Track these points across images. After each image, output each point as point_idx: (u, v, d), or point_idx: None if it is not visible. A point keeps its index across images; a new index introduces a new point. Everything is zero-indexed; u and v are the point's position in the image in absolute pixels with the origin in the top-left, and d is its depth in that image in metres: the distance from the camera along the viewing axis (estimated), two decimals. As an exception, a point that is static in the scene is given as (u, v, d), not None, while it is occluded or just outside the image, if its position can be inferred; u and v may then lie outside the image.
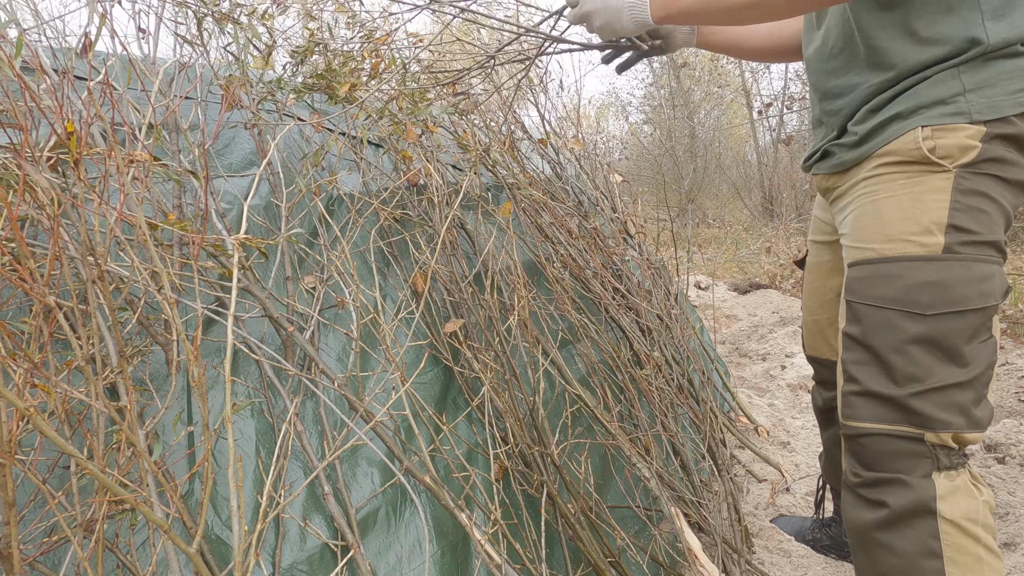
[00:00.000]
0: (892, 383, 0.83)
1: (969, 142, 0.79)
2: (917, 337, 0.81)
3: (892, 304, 0.83)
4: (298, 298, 1.09)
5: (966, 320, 0.80)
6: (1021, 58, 0.79)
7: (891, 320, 0.83)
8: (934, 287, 0.80)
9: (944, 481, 0.82)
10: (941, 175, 0.81)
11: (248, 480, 0.87)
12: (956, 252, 0.80)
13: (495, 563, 0.89)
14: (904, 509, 0.82)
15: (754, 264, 5.54)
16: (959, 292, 0.80)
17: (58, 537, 0.70)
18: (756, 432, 1.94)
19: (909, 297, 0.81)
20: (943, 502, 0.80)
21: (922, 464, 0.82)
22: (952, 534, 0.80)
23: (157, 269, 0.63)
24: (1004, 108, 0.78)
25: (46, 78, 0.78)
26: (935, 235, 0.80)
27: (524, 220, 1.53)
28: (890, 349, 0.83)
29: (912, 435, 0.82)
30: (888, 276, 0.84)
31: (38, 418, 0.50)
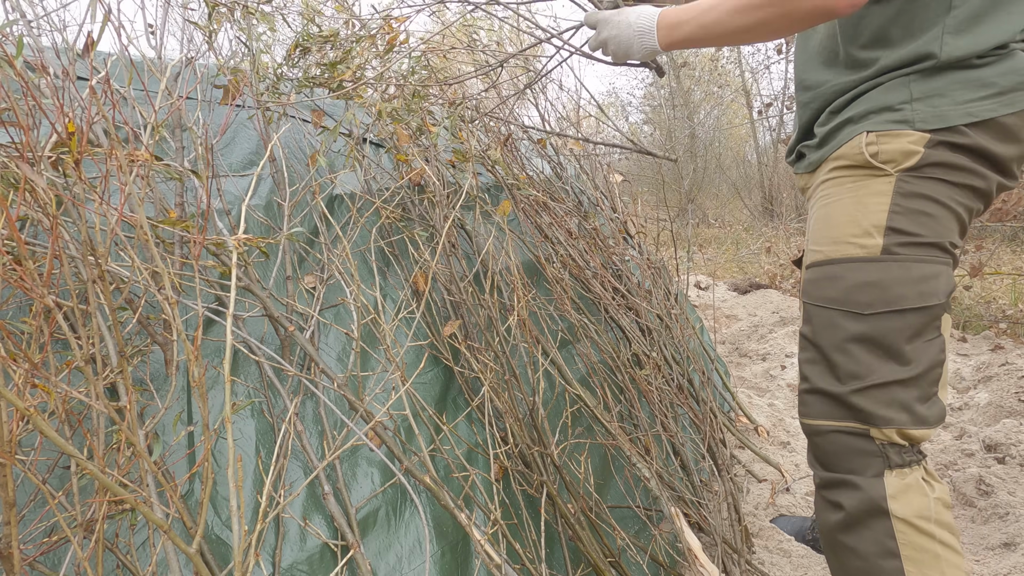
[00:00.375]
0: (836, 380, 0.86)
1: (911, 147, 0.81)
2: (857, 336, 0.84)
3: (834, 304, 0.86)
4: (298, 298, 1.09)
5: (905, 319, 0.82)
6: (974, 70, 0.80)
7: (833, 320, 0.86)
8: (872, 287, 0.83)
9: (895, 480, 0.83)
10: (883, 179, 0.83)
11: (248, 480, 0.87)
12: (895, 253, 0.82)
13: (495, 563, 0.89)
14: (858, 510, 0.84)
15: (754, 264, 5.54)
16: (896, 292, 0.82)
17: (58, 537, 0.70)
18: (756, 432, 1.94)
19: (849, 297, 0.84)
20: (894, 501, 0.82)
21: (873, 463, 0.84)
22: (907, 533, 0.81)
23: (158, 269, 0.62)
24: (951, 118, 0.80)
25: (48, 77, 0.78)
26: (874, 237, 0.83)
27: (523, 220, 1.54)
28: (833, 347, 0.86)
29: (859, 431, 0.85)
30: (832, 277, 0.87)
31: (38, 418, 0.50)
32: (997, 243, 4.35)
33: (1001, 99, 0.79)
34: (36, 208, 0.72)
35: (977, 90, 0.80)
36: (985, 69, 0.80)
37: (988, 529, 1.43)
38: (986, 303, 3.33)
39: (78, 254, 0.74)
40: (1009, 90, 0.79)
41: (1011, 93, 0.79)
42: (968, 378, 2.28)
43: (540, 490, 1.07)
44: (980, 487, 1.56)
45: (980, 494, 1.55)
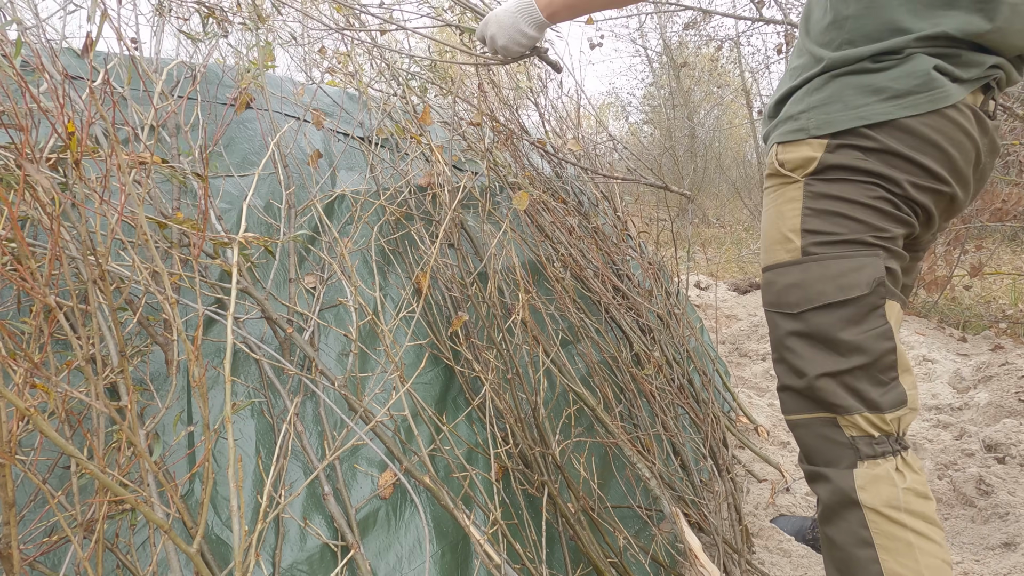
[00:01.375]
0: (795, 375, 0.90)
1: (810, 153, 0.85)
2: (793, 332, 0.89)
3: (772, 307, 0.92)
4: (298, 298, 1.09)
5: (832, 313, 0.85)
6: (867, 75, 0.82)
7: (775, 320, 0.92)
8: (797, 287, 0.88)
9: (864, 471, 0.85)
10: (793, 185, 0.88)
11: (248, 480, 0.87)
12: (812, 253, 0.86)
13: (494, 563, 0.89)
14: (831, 501, 0.87)
15: (754, 264, 5.54)
16: (816, 289, 0.86)
17: (58, 537, 0.70)
18: (756, 432, 1.94)
19: (780, 299, 0.90)
20: (863, 492, 0.84)
21: (846, 455, 0.87)
22: (878, 522, 0.83)
23: (158, 269, 0.62)
24: (841, 122, 0.83)
25: (47, 77, 0.78)
26: (793, 240, 0.88)
27: (524, 219, 1.53)
28: (780, 346, 0.92)
29: (828, 420, 0.88)
30: (768, 283, 0.93)
31: (38, 418, 0.50)
32: (997, 243, 4.35)
33: (897, 102, 0.81)
34: (36, 208, 0.72)
35: (869, 95, 0.82)
36: (879, 74, 0.82)
37: (988, 529, 1.43)
38: (986, 303, 3.33)
39: (78, 254, 0.74)
40: (905, 93, 0.80)
41: (908, 96, 0.80)
42: (968, 378, 2.28)
43: (541, 490, 1.07)
44: (980, 487, 1.56)
45: (980, 494, 1.54)
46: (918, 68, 0.80)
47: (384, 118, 1.48)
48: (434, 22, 1.63)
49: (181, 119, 1.11)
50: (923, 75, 0.79)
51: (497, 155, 1.57)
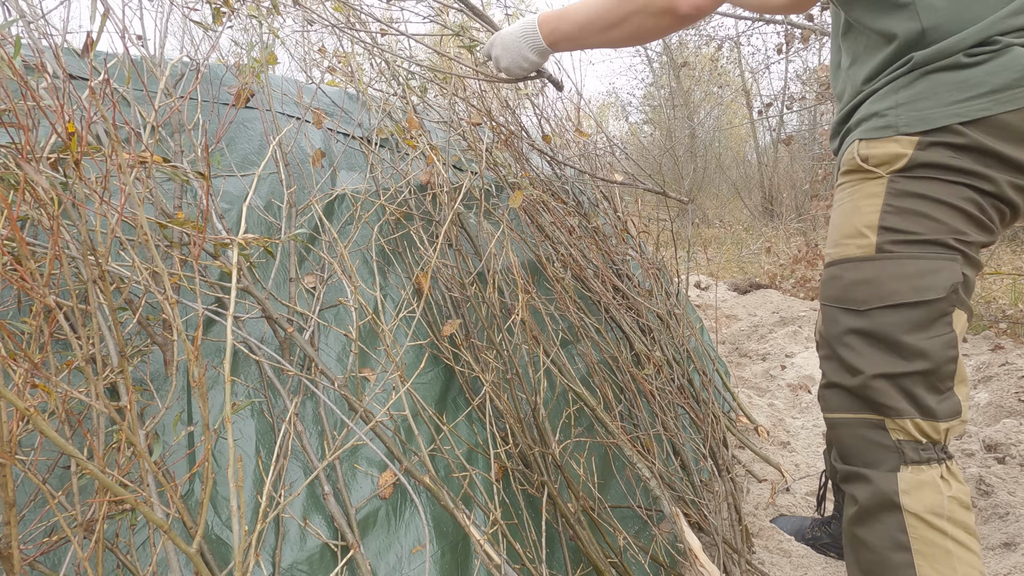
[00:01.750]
0: (847, 373, 0.88)
1: (899, 150, 0.83)
2: (855, 330, 0.87)
3: (836, 302, 0.90)
4: (298, 298, 1.09)
5: (901, 314, 0.83)
6: (962, 70, 0.80)
7: (835, 316, 0.90)
8: (867, 284, 0.85)
9: (909, 475, 0.84)
10: (875, 181, 0.86)
11: (248, 480, 0.87)
12: (888, 251, 0.84)
13: (494, 563, 0.89)
14: (870, 503, 0.85)
15: (754, 264, 5.54)
16: (890, 287, 0.83)
17: (58, 537, 0.70)
18: (756, 432, 1.94)
19: (847, 295, 0.88)
20: (906, 496, 0.83)
21: (889, 458, 0.85)
22: (918, 527, 0.82)
23: (157, 269, 0.63)
24: (936, 119, 0.81)
25: (47, 76, 0.78)
26: (868, 236, 0.86)
27: (524, 219, 1.53)
28: (837, 342, 0.89)
29: (874, 422, 0.86)
30: (833, 277, 0.91)
31: (38, 418, 0.50)
32: (997, 243, 4.35)
33: (995, 97, 0.78)
34: (36, 208, 0.72)
35: (965, 91, 0.79)
36: (974, 69, 0.79)
37: (988, 529, 1.43)
38: (986, 303, 3.33)
39: (78, 254, 0.74)
40: (1003, 88, 0.78)
41: (1007, 91, 0.78)
42: (968, 378, 2.28)
43: (541, 490, 1.07)
44: (980, 487, 1.56)
45: (980, 494, 1.54)
46: (1016, 62, 0.77)
47: (384, 118, 1.48)
48: (439, 27, 1.63)
49: (184, 117, 1.11)
50: (1021, 69, 0.77)
51: (497, 155, 1.57)
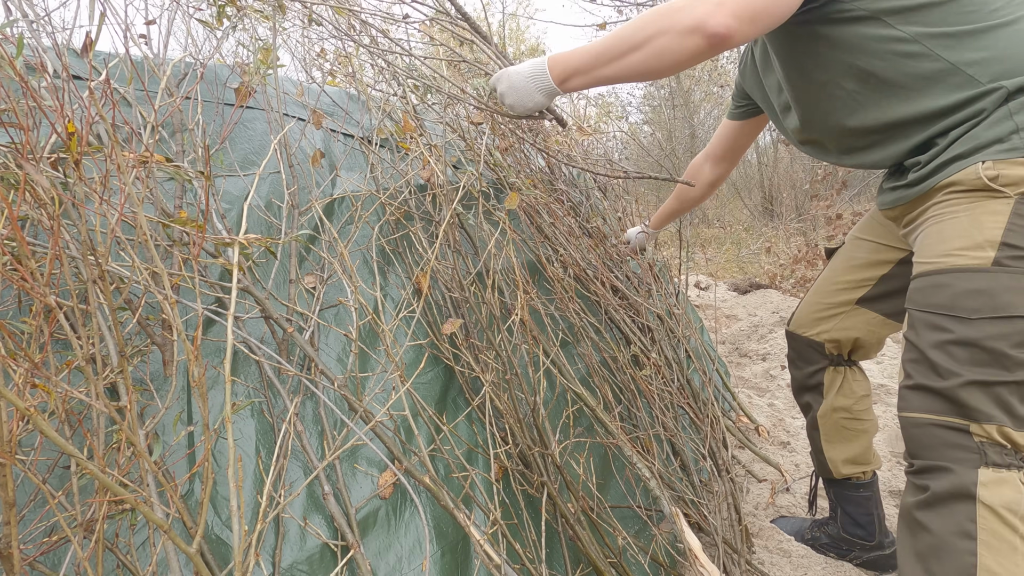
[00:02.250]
0: (938, 376, 0.88)
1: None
2: (960, 339, 0.86)
3: (940, 309, 0.89)
4: (298, 298, 1.09)
5: (1013, 325, 0.83)
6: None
7: (938, 323, 0.89)
8: (980, 294, 0.85)
9: (990, 472, 0.84)
10: (1001, 200, 0.87)
11: (248, 480, 0.87)
12: (1005, 265, 0.85)
13: (494, 563, 0.89)
14: (945, 491, 0.86)
15: (754, 264, 5.54)
16: (1005, 299, 0.84)
17: (58, 537, 0.70)
18: (756, 432, 1.94)
19: (956, 303, 0.88)
20: (984, 488, 0.83)
21: (970, 458, 0.86)
22: (989, 519, 0.82)
23: (157, 269, 0.63)
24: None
25: (47, 76, 0.78)
26: (986, 251, 0.86)
27: (524, 220, 1.53)
28: (934, 347, 0.89)
29: (958, 426, 0.86)
30: (939, 285, 0.90)
31: (38, 418, 0.50)
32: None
33: None
34: (36, 208, 0.72)
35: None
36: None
37: None
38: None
39: (78, 254, 0.74)
40: None
41: None
42: None
43: (540, 490, 1.07)
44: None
45: None
46: None
47: (384, 118, 1.48)
48: (442, 46, 1.62)
49: (188, 116, 1.11)
50: None
51: (496, 157, 1.57)
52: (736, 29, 0.87)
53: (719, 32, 0.86)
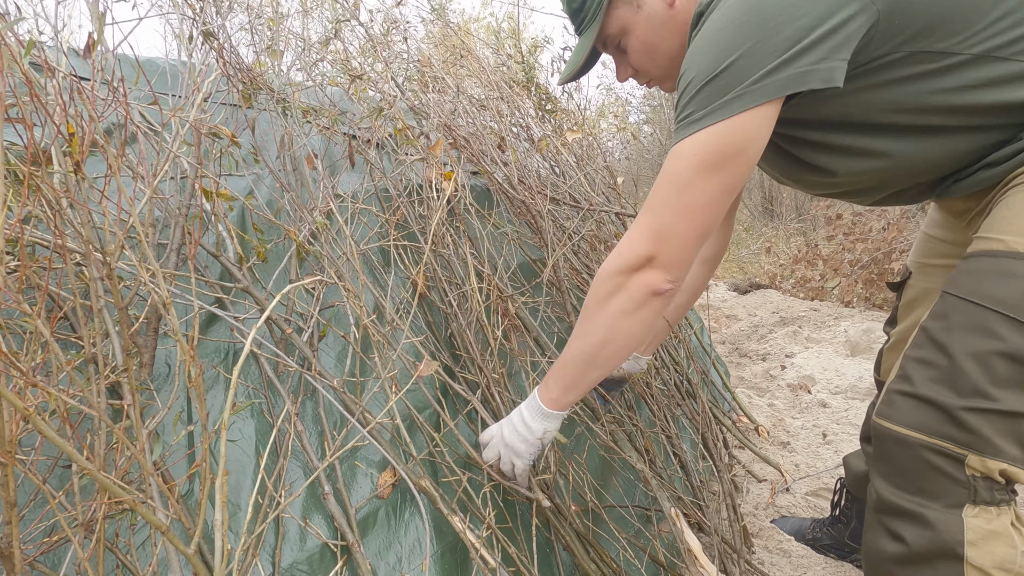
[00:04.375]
0: (953, 392, 0.70)
1: None
2: (1013, 352, 0.67)
3: (999, 306, 0.68)
4: (298, 298, 1.09)
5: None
6: None
7: (988, 324, 0.69)
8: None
9: (977, 522, 0.70)
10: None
11: (248, 480, 0.88)
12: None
13: (490, 567, 0.89)
14: (925, 550, 0.72)
15: (754, 264, 5.54)
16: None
17: (58, 537, 0.70)
18: (756, 432, 1.94)
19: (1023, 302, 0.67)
20: (973, 548, 0.70)
21: (954, 492, 0.70)
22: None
23: (154, 268, 0.63)
24: None
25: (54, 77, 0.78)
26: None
27: (519, 222, 1.54)
28: (971, 355, 0.69)
29: (952, 454, 0.70)
30: (1007, 274, 0.69)
31: (38, 419, 0.50)
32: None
33: None
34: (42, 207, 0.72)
35: None
36: None
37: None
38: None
39: (81, 250, 0.74)
40: None
41: None
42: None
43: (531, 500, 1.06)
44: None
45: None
46: None
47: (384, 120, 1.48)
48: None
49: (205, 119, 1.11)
50: None
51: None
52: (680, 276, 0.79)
53: (670, 289, 0.79)
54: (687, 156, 0.74)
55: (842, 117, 0.78)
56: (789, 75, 0.68)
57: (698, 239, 0.78)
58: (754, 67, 0.68)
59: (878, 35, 0.70)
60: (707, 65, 0.71)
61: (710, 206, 0.75)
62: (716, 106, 0.71)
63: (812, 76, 0.68)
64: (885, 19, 0.69)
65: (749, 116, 0.70)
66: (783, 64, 0.67)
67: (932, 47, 0.71)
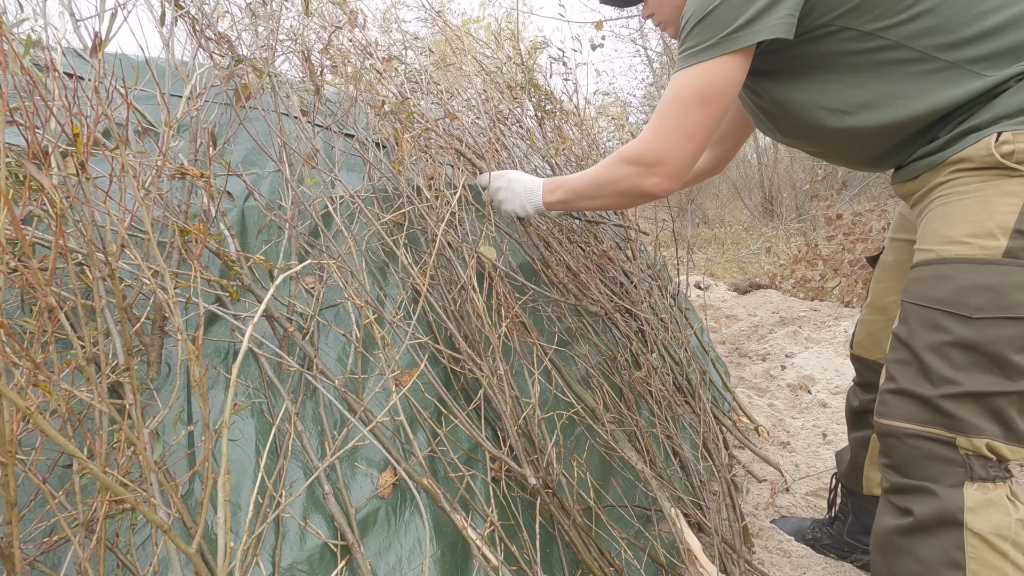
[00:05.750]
0: (928, 383, 0.81)
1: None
2: (960, 340, 0.78)
3: (939, 304, 0.81)
4: (298, 299, 1.09)
5: (1020, 328, 0.75)
6: None
7: (935, 320, 0.81)
8: (986, 290, 0.77)
9: (976, 493, 0.79)
10: (1018, 179, 0.78)
11: (248, 480, 0.88)
12: (1018, 257, 0.76)
13: (491, 565, 0.89)
14: (929, 518, 0.80)
15: (754, 264, 5.55)
16: (1014, 298, 0.76)
17: (58, 537, 0.70)
18: (756, 432, 1.94)
19: (958, 299, 0.79)
20: (971, 514, 0.78)
21: (953, 472, 0.80)
22: (978, 547, 0.77)
23: (159, 268, 0.63)
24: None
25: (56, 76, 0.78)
26: (997, 239, 0.77)
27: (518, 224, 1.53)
28: (929, 349, 0.81)
29: (943, 438, 0.80)
30: (941, 277, 0.81)
31: (39, 418, 0.50)
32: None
33: None
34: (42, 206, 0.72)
35: None
36: None
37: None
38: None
39: (81, 249, 0.74)
40: None
41: None
42: None
43: (535, 496, 1.06)
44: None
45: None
46: None
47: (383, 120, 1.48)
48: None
49: (201, 117, 1.11)
50: None
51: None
52: (674, 187, 1.02)
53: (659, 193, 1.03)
54: (689, 85, 0.93)
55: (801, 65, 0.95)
56: (760, 26, 0.86)
57: (695, 157, 0.98)
58: (735, 13, 0.86)
59: (818, 5, 0.87)
60: (699, 7, 0.90)
61: (706, 131, 0.95)
62: (707, 45, 0.89)
63: (776, 27, 0.85)
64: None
65: (731, 59, 0.89)
66: (755, 17, 0.86)
67: (861, 26, 0.86)
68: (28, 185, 0.63)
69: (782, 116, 1.02)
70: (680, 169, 0.99)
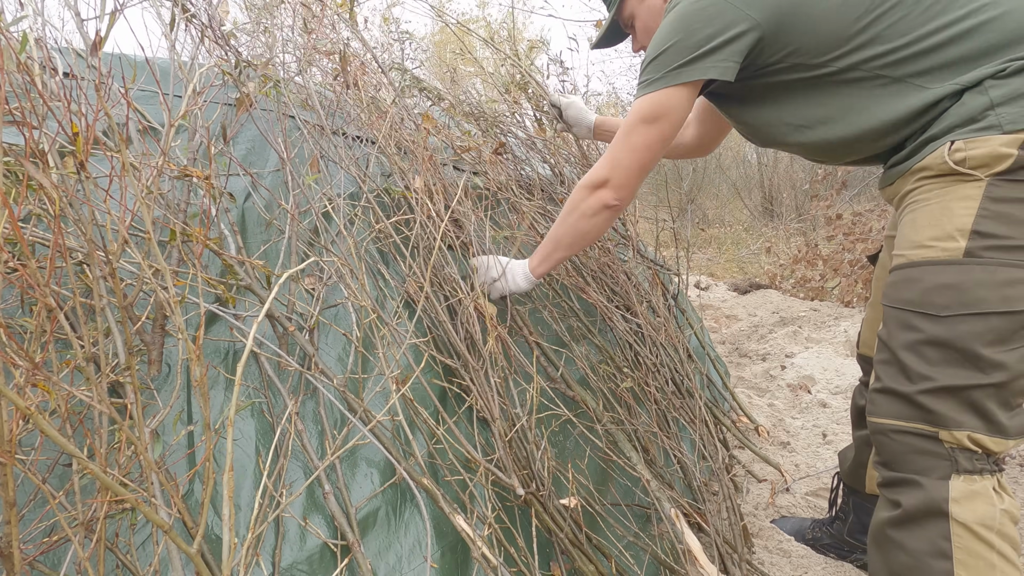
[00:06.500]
0: (907, 380, 0.85)
1: (1003, 150, 0.80)
2: (931, 338, 0.83)
3: (910, 306, 0.86)
4: (298, 298, 1.09)
5: (987, 322, 0.80)
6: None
7: (908, 321, 0.86)
8: (950, 289, 0.82)
9: (961, 484, 0.82)
10: (972, 184, 0.82)
11: (248, 480, 0.87)
12: (978, 256, 0.81)
13: (491, 566, 0.89)
14: (916, 509, 0.84)
15: (754, 264, 5.55)
16: (976, 294, 0.80)
17: (58, 537, 0.70)
18: (756, 432, 1.94)
19: (925, 299, 0.84)
20: (956, 505, 0.81)
21: (940, 466, 0.83)
22: (964, 537, 0.80)
23: (160, 267, 0.63)
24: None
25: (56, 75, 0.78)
26: (957, 240, 0.82)
27: (515, 225, 1.53)
28: (904, 348, 0.86)
29: (926, 433, 0.84)
30: (910, 280, 0.87)
31: (39, 417, 0.50)
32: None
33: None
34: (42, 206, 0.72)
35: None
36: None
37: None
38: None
39: (81, 249, 0.74)
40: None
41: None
42: None
43: (530, 503, 1.06)
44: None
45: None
46: None
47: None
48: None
49: (201, 116, 1.11)
50: None
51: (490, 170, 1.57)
52: (625, 196, 1.08)
53: (617, 204, 1.09)
54: (636, 110, 1.03)
55: (764, 91, 1.03)
56: (697, 67, 0.96)
57: (640, 170, 1.07)
58: (678, 56, 0.97)
59: (767, 47, 0.95)
60: (654, 47, 1.01)
61: (648, 148, 1.04)
62: (656, 78, 1.00)
63: (711, 70, 0.95)
64: (771, 36, 0.94)
65: (673, 91, 0.99)
66: (693, 59, 0.96)
67: (809, 60, 0.94)
68: (27, 184, 0.63)
69: (754, 132, 1.11)
70: (626, 179, 1.07)
